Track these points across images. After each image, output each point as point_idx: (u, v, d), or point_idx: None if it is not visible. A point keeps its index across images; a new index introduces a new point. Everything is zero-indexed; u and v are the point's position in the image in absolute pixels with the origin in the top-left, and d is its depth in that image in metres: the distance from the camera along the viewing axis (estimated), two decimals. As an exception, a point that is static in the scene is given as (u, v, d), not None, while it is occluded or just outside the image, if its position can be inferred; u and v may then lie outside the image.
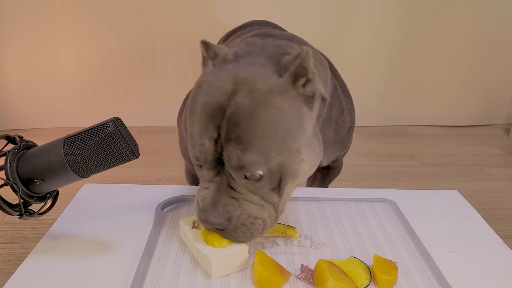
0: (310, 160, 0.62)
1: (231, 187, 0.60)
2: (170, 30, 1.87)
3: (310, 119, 0.62)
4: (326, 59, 0.87)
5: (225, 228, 0.60)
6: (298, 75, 0.58)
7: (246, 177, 0.58)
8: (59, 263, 0.63)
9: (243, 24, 1.09)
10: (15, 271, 0.61)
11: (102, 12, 1.83)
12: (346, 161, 1.69)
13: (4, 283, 0.58)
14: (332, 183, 1.11)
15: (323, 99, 0.69)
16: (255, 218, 0.60)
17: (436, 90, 2.05)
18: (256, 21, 1.10)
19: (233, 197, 0.59)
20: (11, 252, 1.06)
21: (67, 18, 1.82)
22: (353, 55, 1.96)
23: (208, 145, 0.58)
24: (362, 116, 2.05)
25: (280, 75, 0.59)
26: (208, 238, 0.61)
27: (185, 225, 0.65)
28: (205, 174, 0.61)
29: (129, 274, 0.60)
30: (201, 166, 0.61)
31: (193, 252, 0.64)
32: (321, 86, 0.68)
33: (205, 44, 0.63)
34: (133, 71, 1.94)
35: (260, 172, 0.57)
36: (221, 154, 0.58)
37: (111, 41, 1.88)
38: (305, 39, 0.83)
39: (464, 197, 0.86)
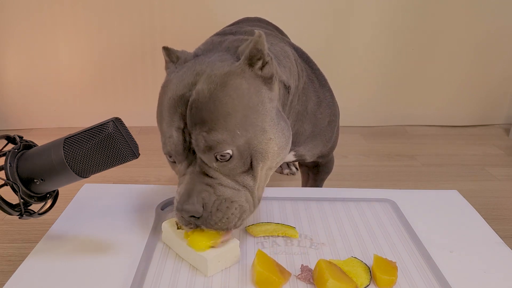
0: (278, 139, 0.63)
1: (205, 174, 0.60)
2: (170, 30, 1.87)
3: (271, 98, 0.64)
4: (304, 53, 0.88)
5: (201, 216, 0.59)
6: (254, 57, 0.61)
7: (217, 159, 0.59)
8: (59, 263, 0.63)
9: (236, 21, 1.10)
10: (15, 271, 0.61)
11: (102, 12, 1.83)
12: (346, 161, 1.70)
13: (4, 283, 0.58)
14: (332, 183, 1.11)
15: (286, 86, 0.71)
16: (231, 202, 0.60)
17: (436, 90, 2.05)
18: (249, 18, 1.11)
19: (207, 184, 0.60)
20: (11, 252, 1.06)
21: (67, 18, 1.82)
22: (353, 55, 1.96)
23: (176, 135, 0.60)
24: (362, 116, 2.06)
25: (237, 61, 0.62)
26: (190, 240, 0.61)
27: (169, 227, 0.65)
28: (179, 168, 0.62)
29: (129, 274, 0.60)
30: (175, 162, 0.63)
31: (182, 253, 0.64)
32: (283, 73, 0.70)
33: (167, 50, 0.68)
34: (133, 71, 1.94)
35: (229, 151, 0.59)
36: (190, 143, 0.59)
37: (111, 41, 1.88)
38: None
39: (464, 197, 0.86)
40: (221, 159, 0.59)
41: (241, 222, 0.62)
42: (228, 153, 0.59)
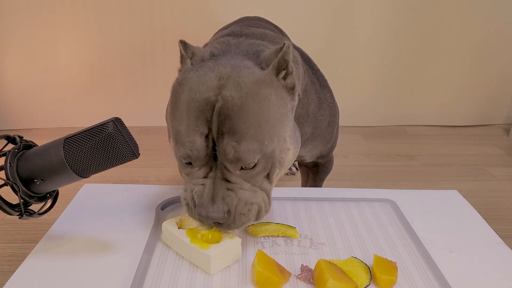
0: (294, 149, 0.65)
1: (226, 180, 0.61)
2: (170, 30, 1.87)
3: (292, 108, 0.65)
4: (304, 53, 0.88)
5: (225, 222, 0.60)
6: (280, 68, 0.62)
7: (241, 168, 0.60)
8: (59, 263, 0.63)
9: (235, 20, 1.09)
10: (15, 271, 0.61)
11: (102, 12, 1.83)
12: (346, 161, 1.70)
13: (4, 283, 0.58)
14: (332, 183, 1.11)
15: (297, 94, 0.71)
16: (251, 204, 0.61)
17: (436, 90, 2.05)
18: (248, 17, 1.10)
19: (228, 189, 0.60)
20: (11, 252, 1.06)
21: (67, 18, 1.82)
22: (353, 55, 1.96)
23: (199, 141, 0.59)
24: (362, 116, 2.06)
25: (262, 69, 0.62)
26: (193, 240, 0.62)
27: (169, 227, 0.65)
28: (195, 171, 0.62)
29: (129, 274, 0.60)
30: (189, 163, 0.62)
31: (182, 252, 0.64)
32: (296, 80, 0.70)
33: (184, 44, 0.66)
34: (133, 71, 1.94)
35: (255, 161, 0.59)
36: (213, 149, 0.59)
37: (111, 41, 1.88)
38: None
39: (464, 197, 0.86)
40: (245, 167, 0.59)
41: (258, 220, 0.64)
42: (254, 162, 0.59)
